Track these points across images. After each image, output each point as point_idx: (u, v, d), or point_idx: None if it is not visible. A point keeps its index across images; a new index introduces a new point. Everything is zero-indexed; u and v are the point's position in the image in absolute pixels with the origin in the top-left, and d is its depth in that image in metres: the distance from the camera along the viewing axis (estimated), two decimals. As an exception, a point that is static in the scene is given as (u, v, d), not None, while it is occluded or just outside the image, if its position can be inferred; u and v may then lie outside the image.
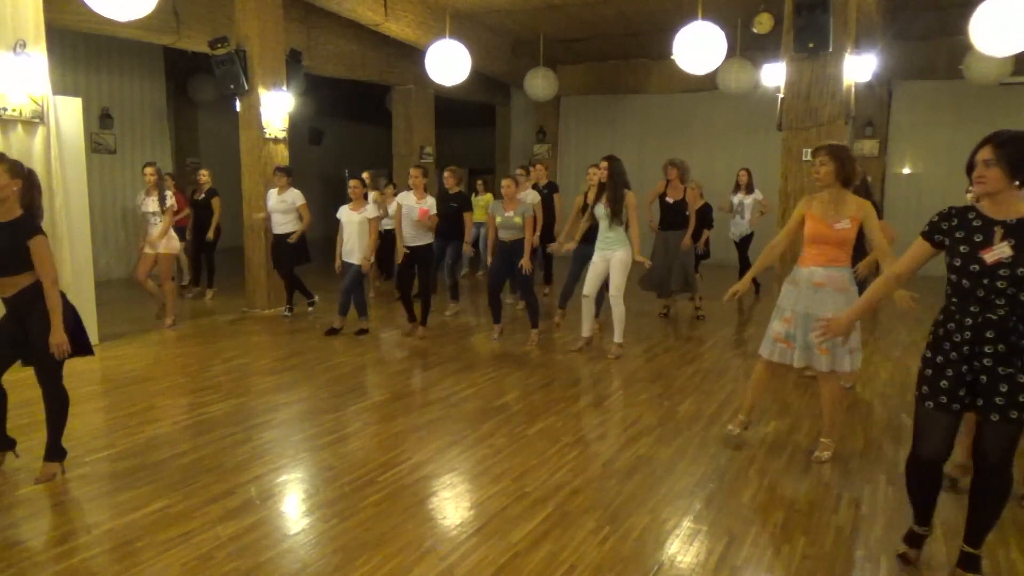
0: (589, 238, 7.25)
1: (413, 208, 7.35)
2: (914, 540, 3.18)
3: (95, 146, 11.26)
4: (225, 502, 3.74)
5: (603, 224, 6.65)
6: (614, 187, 6.53)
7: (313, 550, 3.29)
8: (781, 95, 6.79)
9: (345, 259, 7.51)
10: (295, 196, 8.35)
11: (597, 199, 6.70)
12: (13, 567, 3.10)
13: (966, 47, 8.53)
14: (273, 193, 8.41)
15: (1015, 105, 11.60)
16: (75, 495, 3.84)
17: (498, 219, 7.21)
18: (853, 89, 6.88)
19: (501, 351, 7.08)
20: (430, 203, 7.40)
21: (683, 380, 6.14)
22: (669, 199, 8.21)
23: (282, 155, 9.16)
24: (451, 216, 8.20)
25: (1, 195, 3.79)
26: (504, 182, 7.24)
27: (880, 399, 5.64)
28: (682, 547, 3.34)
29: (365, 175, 8.81)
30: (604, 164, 6.67)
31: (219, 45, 8.54)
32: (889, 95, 12.52)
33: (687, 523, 3.57)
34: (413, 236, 7.43)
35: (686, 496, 3.88)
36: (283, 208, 8.34)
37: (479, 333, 7.89)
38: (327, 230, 8.77)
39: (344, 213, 7.52)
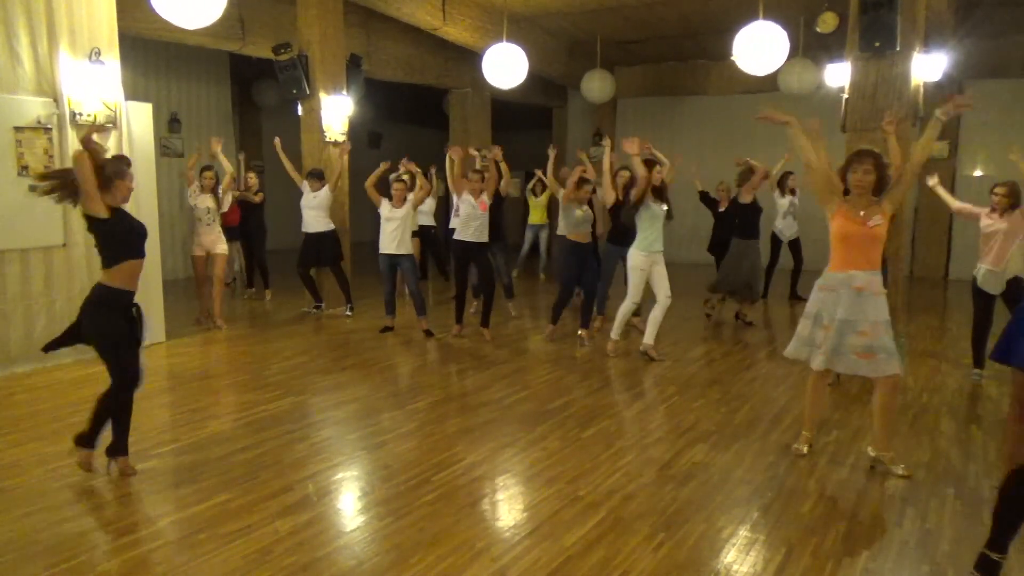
0: (616, 239, 7.32)
1: (474, 205, 7.37)
2: (988, 569, 2.90)
3: (163, 150, 11.64)
4: (283, 498, 3.82)
5: (657, 225, 6.53)
6: (663, 186, 6.50)
7: (368, 547, 3.33)
8: (845, 96, 6.62)
9: (383, 251, 7.70)
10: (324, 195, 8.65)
11: (640, 199, 6.50)
12: (81, 556, 3.22)
13: (1044, 44, 8.18)
14: (308, 192, 8.64)
15: (1095, 104, 11.09)
16: (140, 488, 3.97)
17: (579, 213, 7.14)
18: (921, 89, 6.67)
19: (556, 354, 7.06)
20: (487, 199, 7.45)
21: (740, 386, 6.03)
22: (743, 201, 8.14)
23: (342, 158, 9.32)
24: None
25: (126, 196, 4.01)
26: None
27: (948, 409, 5.45)
28: (738, 556, 3.28)
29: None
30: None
31: (282, 51, 8.74)
32: (960, 94, 12.08)
33: (744, 532, 3.50)
34: (470, 232, 7.41)
35: (743, 504, 3.81)
36: (315, 204, 8.60)
37: (534, 335, 7.88)
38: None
39: (385, 207, 7.72)
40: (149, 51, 11.30)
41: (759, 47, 7.63)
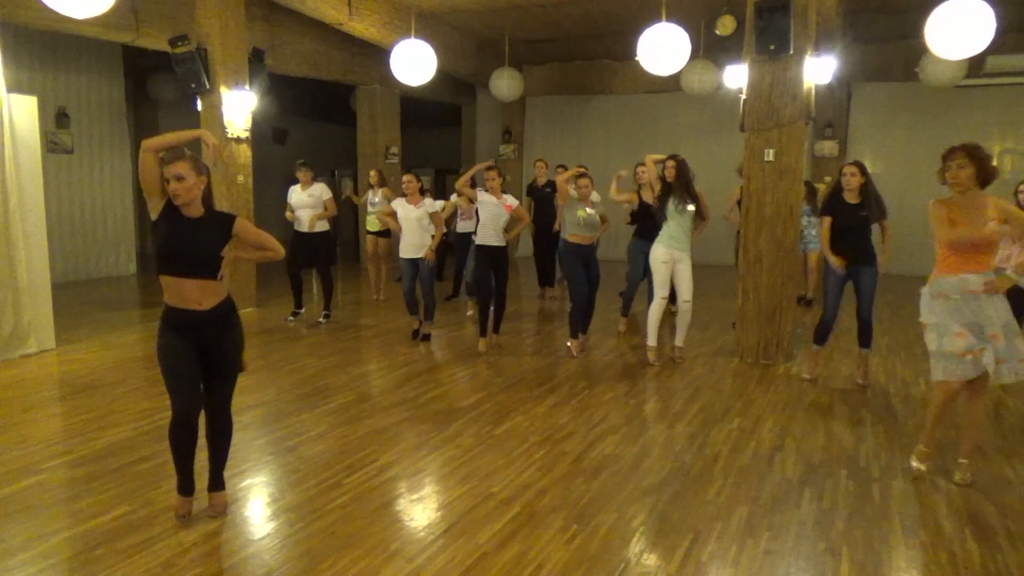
0: (644, 234, 7.37)
1: (498, 206, 6.90)
2: None
3: (51, 146, 11.01)
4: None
5: (683, 221, 6.45)
6: (687, 184, 6.49)
7: (278, 554, 3.26)
8: (743, 96, 6.87)
9: (402, 256, 7.32)
10: (321, 190, 8.28)
11: (666, 198, 6.46)
12: (-33, 578, 3.03)
13: (922, 50, 8.72)
14: (296, 189, 8.30)
15: (968, 107, 11.92)
16: (32, 503, 3.75)
17: (581, 214, 6.77)
18: (813, 91, 6.98)
19: (469, 351, 7.06)
20: (511, 200, 7.02)
21: (648, 379, 6.19)
22: None
23: (245, 155, 9.05)
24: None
25: (191, 195, 3.41)
26: (581, 181, 6.87)
27: (840, 395, 5.74)
28: (648, 544, 3.37)
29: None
30: (672, 163, 6.52)
31: (179, 43, 8.40)
32: (848, 97, 12.74)
33: (653, 520, 3.60)
34: (494, 236, 6.97)
35: (652, 494, 3.91)
36: (311, 204, 8.22)
37: (450, 334, 7.86)
38: (286, 232, 8.70)
39: (401, 207, 7.28)
40: (34, 41, 10.64)
41: (662, 48, 7.83)
